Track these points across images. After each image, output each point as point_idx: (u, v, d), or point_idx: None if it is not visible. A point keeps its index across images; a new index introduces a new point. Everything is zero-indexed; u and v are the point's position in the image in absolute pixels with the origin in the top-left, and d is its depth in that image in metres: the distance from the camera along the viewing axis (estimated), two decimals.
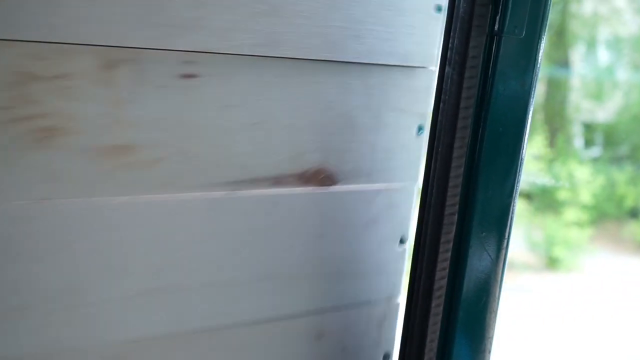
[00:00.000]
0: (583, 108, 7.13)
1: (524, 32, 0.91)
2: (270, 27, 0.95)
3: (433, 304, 0.98)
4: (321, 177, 1.04)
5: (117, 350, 0.94)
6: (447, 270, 0.98)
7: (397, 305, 1.18)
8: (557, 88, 7.05)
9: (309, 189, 1.03)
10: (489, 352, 1.03)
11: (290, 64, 0.98)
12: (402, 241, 1.16)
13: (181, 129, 0.92)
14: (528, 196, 6.44)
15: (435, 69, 1.09)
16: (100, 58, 0.84)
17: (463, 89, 0.93)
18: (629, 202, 6.62)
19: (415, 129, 1.12)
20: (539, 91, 6.56)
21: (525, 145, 0.98)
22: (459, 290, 0.98)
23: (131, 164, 0.90)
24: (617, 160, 6.97)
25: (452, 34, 0.94)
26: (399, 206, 1.13)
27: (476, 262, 0.98)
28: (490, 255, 0.97)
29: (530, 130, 0.99)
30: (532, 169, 6.48)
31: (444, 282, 0.98)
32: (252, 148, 0.98)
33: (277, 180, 1.01)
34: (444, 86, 0.96)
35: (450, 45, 0.94)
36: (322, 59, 1.01)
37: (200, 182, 0.95)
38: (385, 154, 1.10)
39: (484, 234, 0.96)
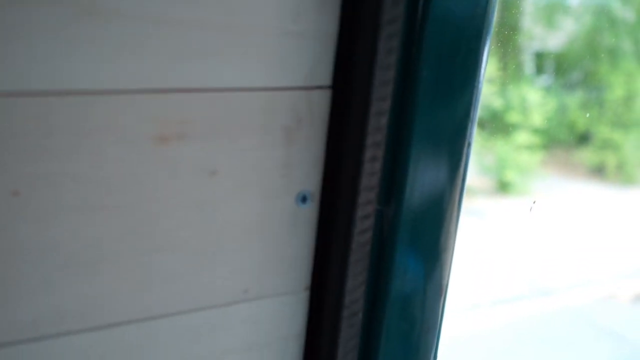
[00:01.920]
0: (535, 35, 7.07)
1: None
2: None
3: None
4: None
5: None
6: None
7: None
8: (508, 12, 6.95)
9: None
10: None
11: None
12: (304, 199, 0.75)
13: None
14: (479, 120, 6.37)
15: None
16: None
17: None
18: (580, 128, 6.61)
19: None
20: None
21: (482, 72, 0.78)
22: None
23: None
24: (568, 88, 6.94)
25: None
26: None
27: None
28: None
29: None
30: (483, 92, 6.40)
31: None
32: None
33: None
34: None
35: None
36: None
37: None
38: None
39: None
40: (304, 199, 0.74)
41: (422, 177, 0.75)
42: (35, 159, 0.59)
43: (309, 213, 0.74)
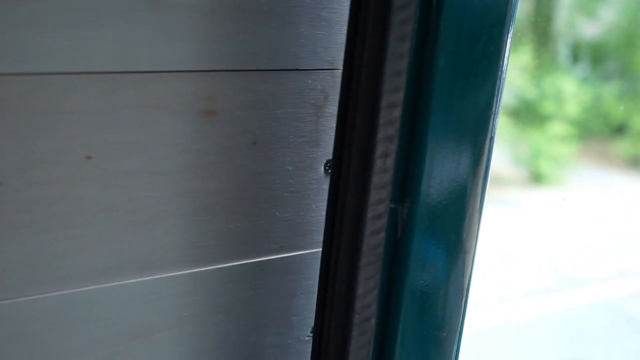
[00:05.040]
0: (572, 23, 7.00)
1: None
2: None
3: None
4: None
5: None
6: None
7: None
8: (545, 1, 6.88)
9: None
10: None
11: None
12: (328, 165, 0.84)
13: None
14: (513, 110, 6.33)
15: None
16: None
17: None
18: (616, 118, 6.53)
19: None
20: (526, 4, 6.39)
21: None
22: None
23: None
24: (605, 78, 6.87)
25: None
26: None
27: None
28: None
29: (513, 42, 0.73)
30: (517, 82, 6.34)
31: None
32: None
33: None
34: None
35: None
36: None
37: None
38: None
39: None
40: (331, 167, 0.80)
41: (440, 173, 0.71)
42: (105, 129, 0.71)
43: None
